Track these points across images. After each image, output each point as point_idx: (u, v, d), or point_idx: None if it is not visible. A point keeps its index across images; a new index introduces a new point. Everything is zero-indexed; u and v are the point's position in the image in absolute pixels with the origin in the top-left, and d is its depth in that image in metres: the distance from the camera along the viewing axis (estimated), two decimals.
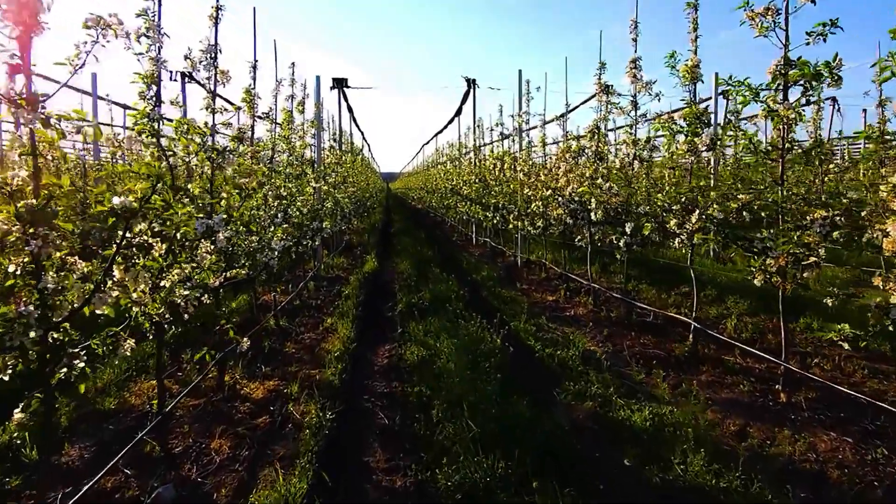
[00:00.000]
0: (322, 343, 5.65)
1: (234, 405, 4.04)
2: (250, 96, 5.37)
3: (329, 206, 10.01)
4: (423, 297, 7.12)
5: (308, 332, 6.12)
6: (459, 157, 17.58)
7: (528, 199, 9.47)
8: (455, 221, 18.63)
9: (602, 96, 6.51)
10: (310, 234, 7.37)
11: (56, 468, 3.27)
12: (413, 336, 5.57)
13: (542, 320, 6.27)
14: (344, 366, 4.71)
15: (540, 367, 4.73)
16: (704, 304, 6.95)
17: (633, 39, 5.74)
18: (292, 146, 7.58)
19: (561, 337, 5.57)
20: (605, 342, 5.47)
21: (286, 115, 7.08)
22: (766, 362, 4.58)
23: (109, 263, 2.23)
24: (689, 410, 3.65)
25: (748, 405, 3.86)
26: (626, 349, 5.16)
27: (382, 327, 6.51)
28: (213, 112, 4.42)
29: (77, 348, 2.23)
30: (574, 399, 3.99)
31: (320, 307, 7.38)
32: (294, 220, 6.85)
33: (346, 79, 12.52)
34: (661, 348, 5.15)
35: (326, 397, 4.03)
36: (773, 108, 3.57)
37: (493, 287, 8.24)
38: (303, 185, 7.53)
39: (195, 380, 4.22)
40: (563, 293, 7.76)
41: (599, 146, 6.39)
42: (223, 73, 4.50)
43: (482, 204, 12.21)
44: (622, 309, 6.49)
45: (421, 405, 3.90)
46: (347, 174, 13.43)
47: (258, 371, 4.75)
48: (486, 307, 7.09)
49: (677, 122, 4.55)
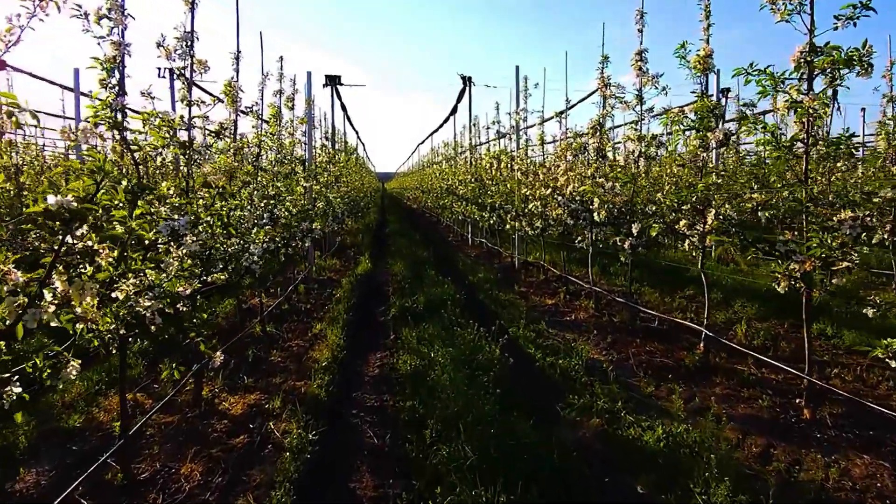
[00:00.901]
0: (310, 351, 5.33)
1: (210, 422, 3.71)
2: (232, 88, 5.04)
3: (321, 206, 9.69)
4: (417, 301, 6.81)
5: (296, 339, 5.80)
6: (455, 157, 17.27)
7: (525, 198, 9.17)
8: (450, 221, 18.31)
9: (605, 90, 6.22)
10: (299, 236, 7.04)
11: (8, 496, 2.95)
12: (406, 343, 5.25)
13: (542, 326, 5.96)
14: (332, 377, 4.39)
15: (541, 377, 4.42)
16: (710, 309, 6.65)
17: (639, 30, 5.44)
18: (281, 144, 7.25)
19: (562, 344, 5.26)
20: (609, 350, 5.17)
21: (273, 111, 6.75)
22: (782, 373, 4.28)
23: (47, 273, 1.91)
24: (706, 428, 3.35)
25: (769, 422, 3.56)
26: (631, 357, 4.86)
27: (374, 333, 6.19)
28: (189, 105, 4.09)
29: (9, 372, 1.91)
30: (579, 415, 3.69)
31: (310, 311, 7.05)
32: (282, 220, 6.53)
33: (339, 76, 12.18)
34: (669, 357, 4.85)
35: (311, 413, 3.71)
36: (798, 98, 3.27)
37: (490, 290, 7.93)
38: (292, 184, 7.21)
39: (170, 393, 3.90)
40: (562, 296, 7.45)
41: (602, 143, 6.09)
42: (201, 63, 4.18)
43: (478, 204, 11.91)
44: (625, 313, 6.19)
45: (414, 422, 3.58)
46: (340, 173, 13.09)
47: (240, 382, 4.43)
48: (483, 311, 6.78)
49: (688, 117, 4.25)
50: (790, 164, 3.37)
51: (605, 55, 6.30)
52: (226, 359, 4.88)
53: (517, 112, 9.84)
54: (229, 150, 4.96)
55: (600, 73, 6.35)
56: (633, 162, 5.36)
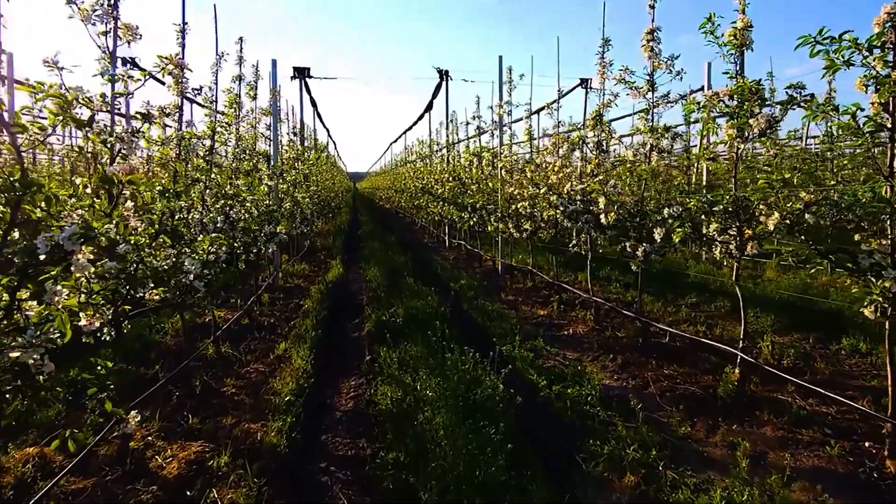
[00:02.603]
0: (271, 378, 4.52)
1: (135, 488, 2.88)
2: (173, 63, 4.17)
3: (287, 207, 8.82)
4: (395, 314, 6.02)
5: (256, 362, 4.97)
6: (430, 155, 16.48)
7: (511, 198, 8.46)
8: (426, 222, 17.51)
9: (605, 76, 5.53)
10: (263, 240, 6.20)
11: None
12: (385, 367, 4.47)
13: (539, 342, 5.25)
14: (295, 419, 3.58)
15: (550, 414, 3.69)
16: (717, 317, 6.04)
17: (651, 6, 4.76)
18: (240, 136, 6.39)
19: (567, 367, 4.55)
20: (621, 374, 4.47)
21: (232, 98, 5.87)
22: (834, 404, 3.63)
23: None
24: (773, 490, 2.65)
25: (846, 479, 2.87)
26: (651, 384, 4.17)
27: (347, 353, 5.39)
28: (112, 80, 3.25)
29: None
30: (606, 468, 2.96)
31: (274, 326, 6.21)
32: (241, 224, 5.68)
33: (307, 68, 11.30)
34: (693, 383, 4.17)
35: (267, 475, 2.91)
36: (882, 72, 2.61)
37: (476, 299, 7.19)
38: (254, 182, 6.34)
39: (89, 444, 3.06)
40: (556, 306, 6.74)
41: (605, 136, 5.40)
42: (128, 29, 3.34)
43: (457, 204, 11.16)
44: (630, 327, 5.51)
45: (399, 487, 2.81)
46: (310, 171, 12.18)
47: (182, 424, 3.59)
48: (471, 326, 6.04)
49: (722, 100, 3.56)
50: (872, 155, 2.70)
51: (607, 37, 5.62)
52: (167, 392, 4.04)
53: (500, 106, 9.12)
54: (171, 141, 4.11)
55: (600, 57, 5.67)
56: (643, 156, 4.67)
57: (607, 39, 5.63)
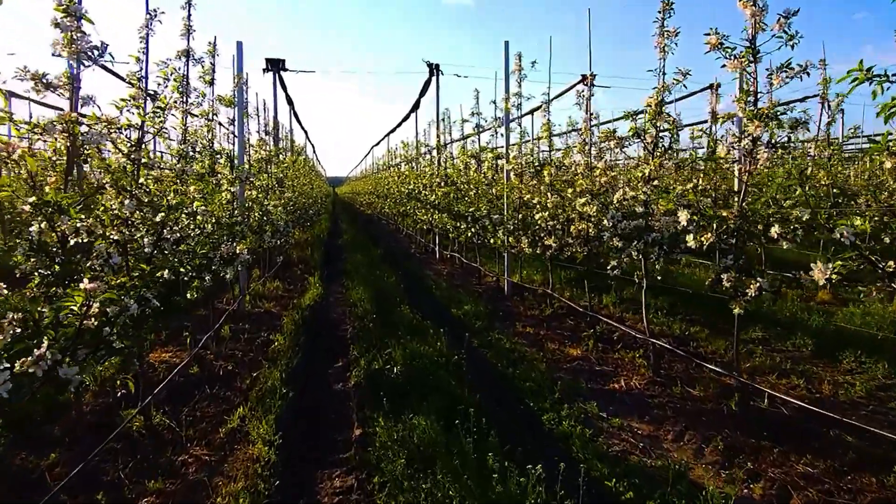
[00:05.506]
0: (217, 474, 3.08)
1: None
2: (66, 12, 2.71)
3: (256, 217, 7.32)
4: (391, 360, 4.60)
5: (199, 443, 3.53)
6: (417, 157, 15.02)
7: (522, 205, 7.09)
8: (413, 231, 16.05)
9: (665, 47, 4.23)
10: (219, 263, 4.74)
11: None
12: (383, 458, 3.06)
13: (592, 407, 3.88)
14: None
15: None
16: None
17: None
18: (186, 128, 4.92)
19: (646, 453, 3.18)
20: (730, 468, 3.07)
21: (169, 73, 4.36)
22: None
23: None
24: None
25: None
26: (792, 493, 2.80)
27: (328, 422, 3.96)
28: None
29: None
30: None
31: (232, 376, 4.75)
32: (182, 247, 4.22)
33: (282, 59, 9.85)
34: (856, 490, 2.81)
35: None
36: None
37: (487, 332, 5.80)
38: (208, 188, 4.83)
39: None
40: (591, 343, 5.35)
41: (672, 129, 4.06)
42: None
43: (451, 212, 9.75)
44: (711, 385, 4.14)
45: None
46: (285, 175, 10.65)
47: None
48: (488, 375, 4.64)
49: None
50: None
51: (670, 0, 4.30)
52: None
53: (506, 99, 7.74)
54: (54, 126, 2.65)
55: (660, 25, 4.35)
56: (745, 155, 3.33)
57: (670, 4, 4.31)
